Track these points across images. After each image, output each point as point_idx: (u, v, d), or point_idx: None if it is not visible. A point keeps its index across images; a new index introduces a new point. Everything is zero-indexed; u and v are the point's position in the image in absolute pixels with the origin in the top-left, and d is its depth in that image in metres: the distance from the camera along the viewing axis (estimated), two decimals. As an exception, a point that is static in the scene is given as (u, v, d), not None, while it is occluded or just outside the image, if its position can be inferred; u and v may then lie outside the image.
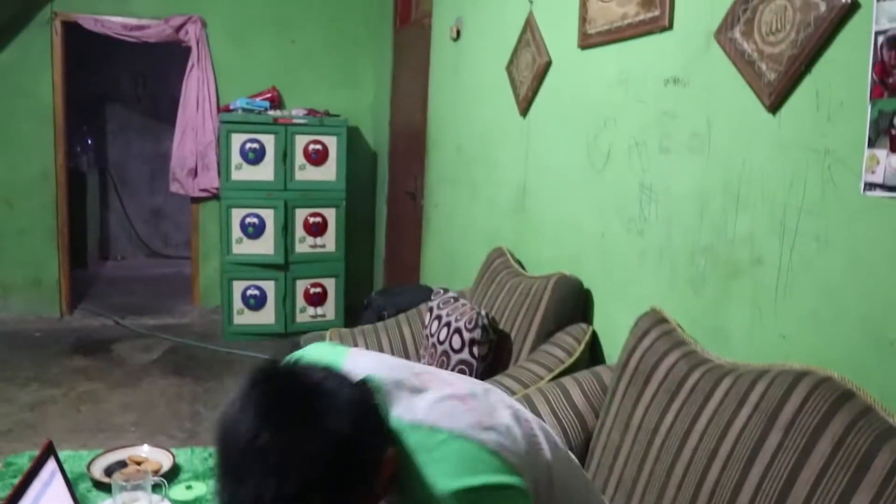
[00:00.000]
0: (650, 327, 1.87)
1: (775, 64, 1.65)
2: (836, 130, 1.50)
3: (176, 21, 4.94)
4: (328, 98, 5.28)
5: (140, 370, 4.18)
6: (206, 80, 5.03)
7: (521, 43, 2.92)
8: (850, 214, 1.47)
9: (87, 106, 6.89)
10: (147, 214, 7.51)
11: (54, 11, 4.82)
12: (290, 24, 5.25)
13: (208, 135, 5.02)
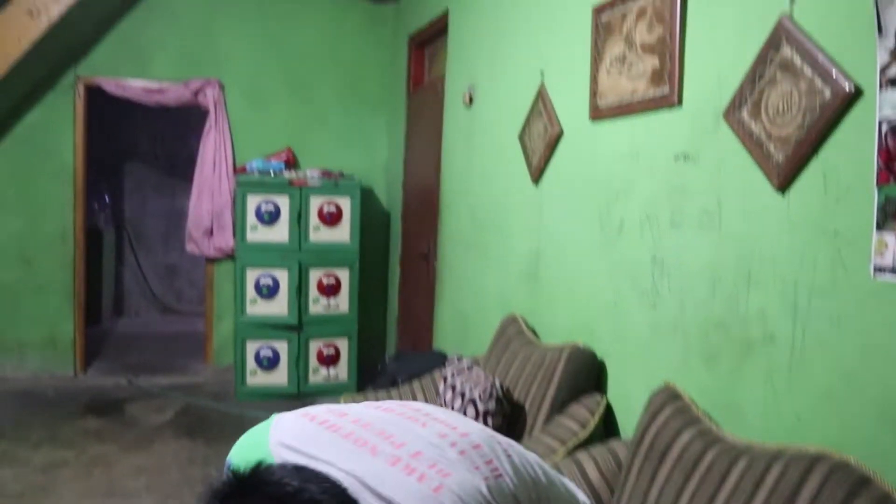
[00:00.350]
0: (664, 403, 1.87)
1: (783, 146, 1.69)
2: (845, 213, 1.53)
3: (195, 85, 5.07)
4: (342, 158, 5.38)
5: (152, 432, 4.17)
6: (223, 142, 5.13)
7: (533, 112, 2.98)
8: (861, 297, 1.49)
9: (106, 164, 7.03)
10: (161, 270, 7.58)
11: (78, 75, 4.96)
12: (305, 86, 5.38)
13: (224, 195, 5.10)
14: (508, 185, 3.23)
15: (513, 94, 3.20)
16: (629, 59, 2.31)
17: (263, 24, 5.29)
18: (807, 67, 1.61)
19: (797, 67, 1.64)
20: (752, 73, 1.78)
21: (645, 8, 2.22)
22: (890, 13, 1.41)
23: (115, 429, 4.21)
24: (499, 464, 1.08)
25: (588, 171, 2.57)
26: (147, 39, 5.07)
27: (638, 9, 2.26)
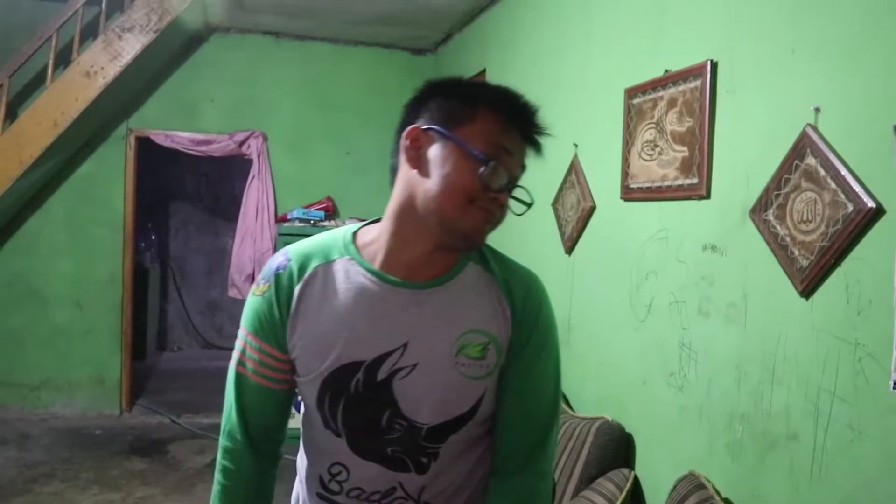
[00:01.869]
0: (688, 493, 1.93)
1: (807, 252, 1.75)
2: (866, 325, 1.58)
3: (240, 136, 5.26)
4: (380, 206, 5.30)
5: (195, 475, 4.30)
6: (266, 191, 5.30)
7: (566, 183, 3.07)
8: (881, 409, 1.54)
9: (152, 203, 7.27)
10: (203, 306, 7.78)
11: (129, 128, 5.18)
12: (345, 137, 5.53)
13: (266, 243, 5.25)
14: (541, 250, 3.31)
15: (546, 162, 3.27)
16: (660, 145, 2.39)
17: (305, 76, 5.48)
18: (830, 180, 1.68)
19: (821, 178, 1.71)
20: (777, 176, 1.85)
21: (676, 98, 2.31)
22: (907, 141, 1.48)
23: (158, 470, 4.34)
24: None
25: (619, 249, 2.64)
26: (194, 93, 5.28)
27: (669, 97, 2.35)
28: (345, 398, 1.21)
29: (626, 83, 2.60)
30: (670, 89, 2.34)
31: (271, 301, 1.22)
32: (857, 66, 1.63)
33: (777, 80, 1.89)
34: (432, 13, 4.69)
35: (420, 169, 1.16)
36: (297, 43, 5.45)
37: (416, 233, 1.18)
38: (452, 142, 1.14)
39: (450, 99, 1.18)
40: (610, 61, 2.78)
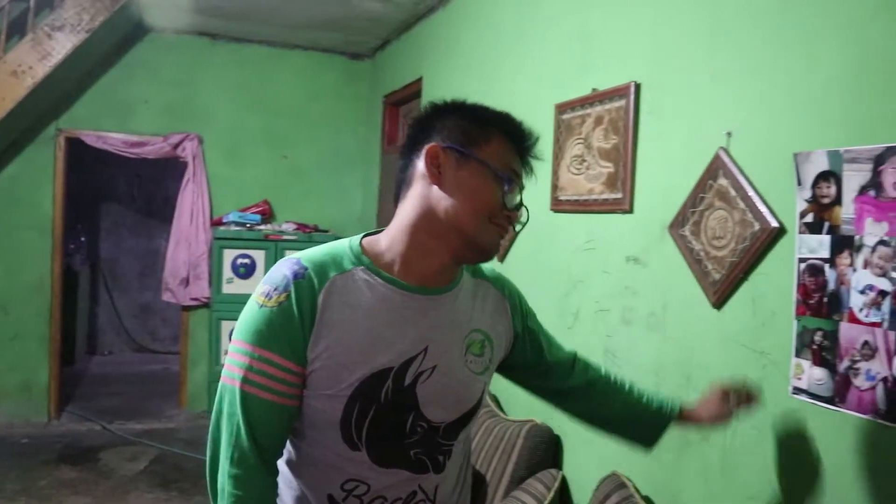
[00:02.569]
0: (610, 492, 2.05)
1: (719, 266, 1.88)
2: (770, 336, 1.72)
3: (174, 139, 5.21)
4: (317, 210, 5.54)
5: (127, 482, 4.25)
6: (201, 194, 5.27)
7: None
8: (781, 412, 1.68)
9: (82, 204, 7.11)
10: (136, 309, 7.65)
11: (59, 128, 5.07)
12: (282, 140, 5.55)
13: (201, 246, 5.22)
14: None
15: (481, 172, 3.38)
16: (587, 160, 2.51)
17: (242, 79, 5.47)
18: (739, 200, 1.81)
19: (731, 198, 1.84)
20: (693, 195, 1.98)
21: (602, 116, 2.43)
22: (806, 168, 1.61)
23: (89, 479, 4.28)
24: None
25: (550, 258, 2.75)
26: (128, 94, 5.21)
27: (596, 115, 2.47)
28: (375, 408, 1.23)
29: (557, 99, 2.71)
30: (597, 107, 2.46)
31: (290, 311, 1.18)
32: (765, 96, 1.76)
33: (695, 105, 2.01)
34: (370, 20, 4.74)
35: (441, 185, 1.22)
36: (235, 45, 5.43)
37: (433, 245, 1.25)
38: (475, 161, 1.22)
39: (464, 120, 1.26)
40: (541, 77, 2.89)
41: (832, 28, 1.58)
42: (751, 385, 1.58)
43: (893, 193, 1.42)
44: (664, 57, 2.16)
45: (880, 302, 1.45)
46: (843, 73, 1.55)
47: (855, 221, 1.51)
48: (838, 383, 1.54)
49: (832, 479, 1.54)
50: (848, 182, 1.52)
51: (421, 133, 1.27)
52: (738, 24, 1.86)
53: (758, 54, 1.80)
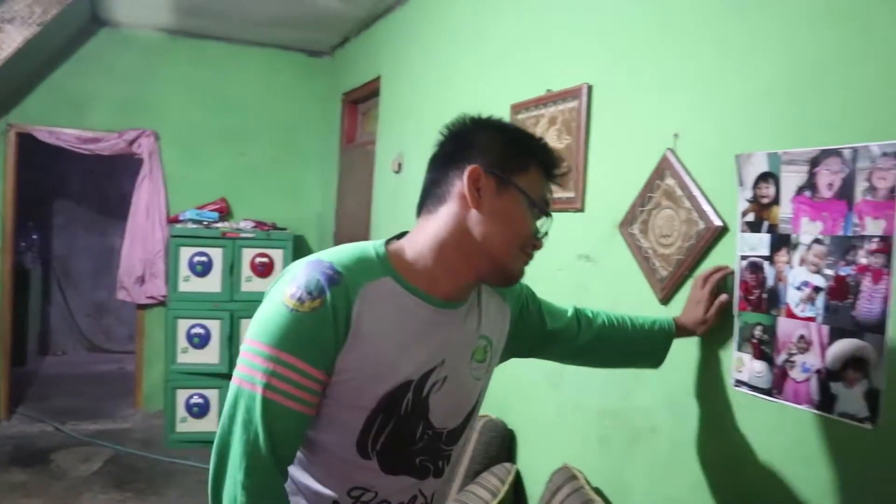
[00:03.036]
0: (562, 484, 2.10)
1: (666, 263, 1.94)
2: (713, 330, 1.77)
3: (130, 135, 5.15)
4: (275, 208, 5.52)
5: (81, 483, 4.20)
6: (157, 192, 5.21)
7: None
8: (724, 404, 1.74)
9: (35, 201, 6.96)
10: (90, 308, 7.53)
11: (9, 124, 4.98)
12: (240, 138, 5.51)
13: (157, 244, 5.16)
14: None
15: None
16: (541, 160, 2.55)
17: (200, 75, 5.42)
18: (685, 199, 1.88)
19: (678, 197, 1.90)
20: (642, 194, 2.04)
21: (556, 117, 2.48)
22: (747, 169, 1.68)
23: (42, 481, 4.21)
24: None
25: (505, 255, 2.79)
26: (82, 89, 5.13)
27: (550, 116, 2.52)
28: (395, 420, 1.23)
29: (513, 99, 2.76)
30: (551, 108, 2.51)
31: (325, 318, 1.14)
32: (710, 100, 1.83)
33: (644, 107, 2.07)
34: (328, 17, 4.74)
35: (479, 209, 1.21)
36: (192, 41, 5.38)
37: (462, 266, 1.24)
38: (514, 189, 1.22)
39: (506, 145, 1.25)
40: (498, 77, 2.94)
41: (772, 37, 1.65)
42: (718, 274, 1.73)
43: (827, 194, 1.49)
44: (615, 60, 2.22)
45: (815, 297, 1.51)
46: (781, 79, 1.62)
47: (792, 220, 1.57)
48: (776, 375, 1.60)
49: (771, 468, 1.60)
50: (786, 183, 1.59)
51: (459, 149, 1.25)
52: (685, 30, 1.92)
53: (703, 59, 1.86)
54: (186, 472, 4.41)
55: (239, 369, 1.16)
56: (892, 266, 1.35)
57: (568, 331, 1.62)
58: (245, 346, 1.17)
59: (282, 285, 1.17)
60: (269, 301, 1.17)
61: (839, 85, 1.48)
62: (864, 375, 1.41)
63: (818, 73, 1.53)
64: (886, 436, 1.35)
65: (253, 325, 1.17)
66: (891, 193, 1.36)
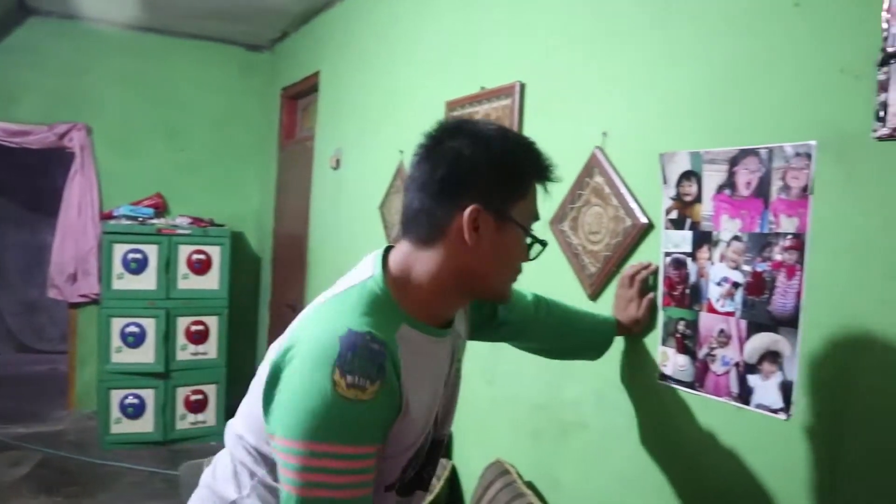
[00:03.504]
0: (494, 479, 2.12)
1: (595, 260, 1.97)
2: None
3: (60, 128, 5.00)
4: (213, 203, 5.43)
5: (8, 489, 4.06)
6: (90, 187, 5.07)
7: (392, 188, 3.20)
8: (649, 397, 1.78)
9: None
10: (20, 307, 7.29)
11: (-68, 116, 4.79)
12: (177, 133, 5.40)
13: (90, 241, 5.03)
14: (370, 251, 3.41)
15: (375, 167, 3.41)
16: (476, 157, 2.56)
17: (134, 67, 5.28)
18: (613, 197, 1.91)
19: (606, 195, 1.93)
20: (572, 191, 2.07)
21: (490, 114, 2.49)
22: (670, 167, 1.71)
23: (-34, 486, 4.08)
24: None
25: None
26: (8, 80, 4.95)
27: (484, 113, 2.53)
28: (417, 452, 1.24)
29: (448, 96, 2.76)
30: (485, 105, 2.52)
31: (387, 397, 1.09)
32: (636, 99, 1.86)
33: (574, 105, 2.10)
34: (267, 11, 4.68)
35: (477, 247, 1.17)
36: (126, 33, 5.22)
37: (458, 296, 1.25)
38: (512, 224, 1.20)
39: (504, 176, 1.19)
40: (433, 74, 2.94)
41: (695, 40, 1.69)
42: (645, 272, 1.77)
43: (745, 192, 1.53)
44: (547, 59, 2.24)
45: (734, 293, 1.56)
46: (703, 81, 1.66)
47: (713, 218, 1.61)
48: (698, 369, 1.65)
49: (694, 459, 1.65)
50: (707, 181, 1.63)
51: (455, 180, 1.17)
52: (615, 32, 1.95)
53: (631, 61, 1.89)
54: (121, 475, 4.31)
55: (304, 476, 1.04)
56: (805, 262, 1.40)
57: (523, 319, 1.65)
58: (304, 449, 1.04)
59: (319, 371, 1.04)
60: (313, 394, 1.04)
61: (756, 87, 1.52)
62: (778, 368, 1.45)
63: (737, 76, 1.57)
64: (799, 426, 1.40)
65: (300, 424, 1.04)
66: (803, 192, 1.41)
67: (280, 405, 1.09)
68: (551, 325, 1.71)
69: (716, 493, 1.59)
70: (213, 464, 1.36)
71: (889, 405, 1.24)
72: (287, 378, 1.09)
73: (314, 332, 1.10)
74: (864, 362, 1.28)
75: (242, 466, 1.25)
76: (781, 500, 1.43)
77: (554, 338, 1.75)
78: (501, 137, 1.23)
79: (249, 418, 1.23)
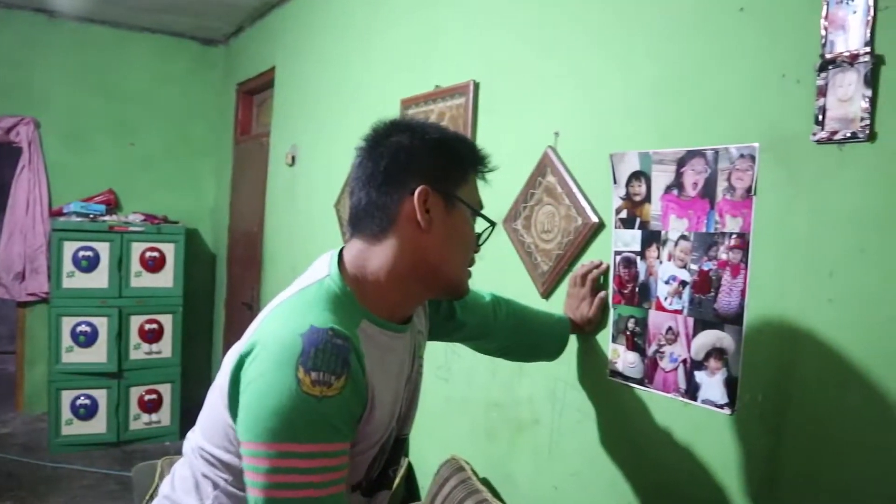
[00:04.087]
0: (450, 475, 2.13)
1: (547, 258, 1.99)
2: (590, 322, 1.84)
3: (6, 122, 4.87)
4: (167, 200, 5.34)
5: (-50, 493, 3.97)
6: (38, 183, 4.96)
7: (347, 185, 3.19)
8: (599, 394, 1.81)
9: None
10: (-34, 306, 7.08)
11: None
12: (129, 128, 5.30)
13: (38, 238, 4.91)
14: (325, 249, 3.40)
15: (329, 165, 3.40)
16: (431, 155, 2.57)
17: (85, 61, 5.16)
18: (565, 196, 1.93)
19: (558, 194, 1.95)
20: (525, 190, 2.08)
21: (444, 113, 2.50)
22: (620, 167, 1.74)
23: None
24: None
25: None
26: (-49, 72, 4.81)
27: (439, 111, 2.53)
28: (381, 449, 1.24)
29: (402, 94, 2.76)
30: (440, 104, 2.53)
31: (354, 390, 1.07)
32: (587, 99, 1.88)
33: (527, 105, 2.12)
34: (222, 5, 4.61)
35: (431, 231, 1.17)
36: (76, 24, 5.11)
37: (419, 289, 1.24)
38: (461, 205, 1.21)
39: (446, 159, 1.21)
40: (389, 72, 2.93)
41: (644, 42, 1.71)
42: (596, 271, 1.80)
43: (692, 193, 1.56)
44: (501, 58, 2.25)
45: (681, 291, 1.59)
46: (652, 83, 1.68)
47: (662, 218, 1.64)
48: (647, 366, 1.67)
49: (643, 454, 1.68)
50: (656, 181, 1.65)
51: (398, 168, 1.18)
52: (566, 32, 1.97)
53: (582, 61, 1.91)
54: (72, 478, 4.22)
55: (273, 479, 1.02)
56: (749, 261, 1.43)
57: (482, 321, 1.66)
58: (277, 450, 1.02)
59: (282, 370, 1.03)
60: (278, 395, 1.02)
61: (703, 90, 1.55)
62: (724, 364, 1.49)
63: (685, 78, 1.60)
64: (742, 421, 1.44)
65: (267, 425, 1.02)
66: (747, 193, 1.44)
67: (246, 409, 1.07)
68: (510, 326, 1.72)
69: (664, 486, 1.62)
70: (172, 474, 1.33)
71: (828, 400, 1.28)
72: (251, 381, 1.07)
73: (275, 332, 1.08)
74: (806, 358, 1.32)
75: (204, 478, 1.23)
76: (726, 492, 1.47)
77: (513, 338, 1.75)
78: (437, 129, 1.25)
79: (210, 429, 1.21)
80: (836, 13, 1.28)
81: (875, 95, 1.21)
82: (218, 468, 1.20)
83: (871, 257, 1.22)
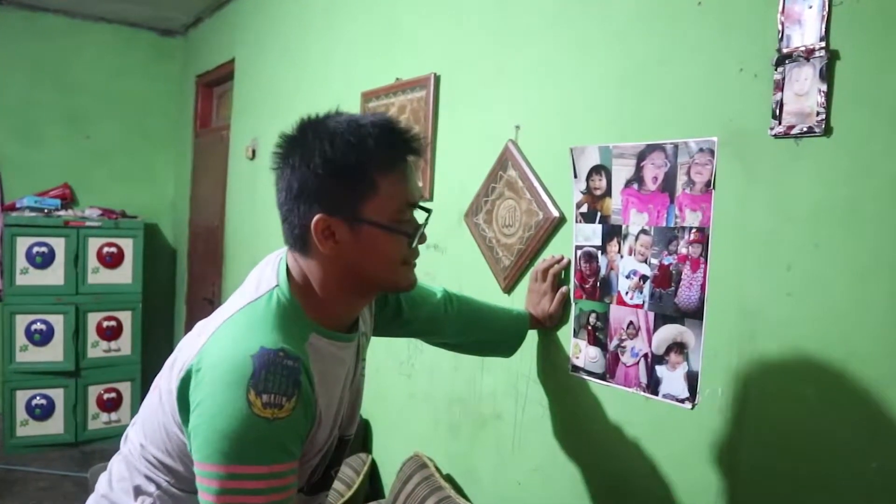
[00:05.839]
0: (413, 472, 2.11)
1: (508, 253, 1.98)
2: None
3: (-44, 115, 4.72)
4: (125, 194, 5.23)
5: None
6: (-11, 177, 4.82)
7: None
8: (562, 389, 1.80)
9: None
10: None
11: None
12: (84, 120, 5.16)
13: (-9, 234, 4.78)
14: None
15: (293, 158, 3.34)
16: (392, 148, 2.54)
17: (37, 51, 5.02)
18: (526, 190, 1.92)
19: (519, 188, 1.94)
20: (486, 185, 2.07)
21: (405, 106, 2.47)
22: (581, 161, 1.73)
23: None
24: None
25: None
26: None
27: (399, 104, 2.50)
28: (324, 454, 1.25)
29: (363, 87, 2.72)
30: (401, 97, 2.50)
31: (303, 411, 1.08)
32: (548, 93, 1.87)
33: (488, 98, 2.10)
34: (179, -5, 4.52)
35: (343, 252, 1.15)
36: (27, 13, 4.95)
37: (357, 298, 1.24)
38: (367, 225, 1.13)
39: (342, 180, 1.12)
40: (349, 64, 2.90)
41: (604, 36, 1.70)
42: (557, 266, 1.79)
43: (652, 187, 1.56)
44: (461, 50, 2.23)
45: (642, 286, 1.59)
46: (612, 77, 1.67)
47: (622, 212, 1.64)
48: (609, 361, 1.67)
49: (605, 449, 1.68)
50: (616, 175, 1.65)
51: (300, 190, 1.14)
52: (526, 25, 1.95)
53: (542, 55, 1.89)
54: (28, 480, 4.12)
55: (223, 499, 1.02)
56: (709, 255, 1.44)
57: (431, 316, 1.65)
58: (222, 473, 1.02)
59: (233, 392, 1.02)
60: (228, 417, 1.01)
61: (662, 83, 1.55)
62: (684, 359, 1.49)
63: (644, 72, 1.59)
64: (703, 415, 1.44)
65: (218, 447, 1.02)
66: (706, 187, 1.44)
67: (195, 430, 1.06)
68: (461, 322, 1.71)
69: (626, 481, 1.62)
70: (109, 471, 1.30)
71: (787, 393, 1.28)
72: (200, 401, 1.05)
73: (225, 352, 1.06)
74: (765, 352, 1.32)
75: (146, 479, 1.21)
76: (688, 484, 1.48)
77: (464, 334, 1.75)
78: (342, 134, 1.13)
79: (152, 431, 1.20)
80: (793, 8, 1.28)
81: (830, 90, 1.21)
82: (160, 469, 1.20)
83: (827, 251, 1.22)
